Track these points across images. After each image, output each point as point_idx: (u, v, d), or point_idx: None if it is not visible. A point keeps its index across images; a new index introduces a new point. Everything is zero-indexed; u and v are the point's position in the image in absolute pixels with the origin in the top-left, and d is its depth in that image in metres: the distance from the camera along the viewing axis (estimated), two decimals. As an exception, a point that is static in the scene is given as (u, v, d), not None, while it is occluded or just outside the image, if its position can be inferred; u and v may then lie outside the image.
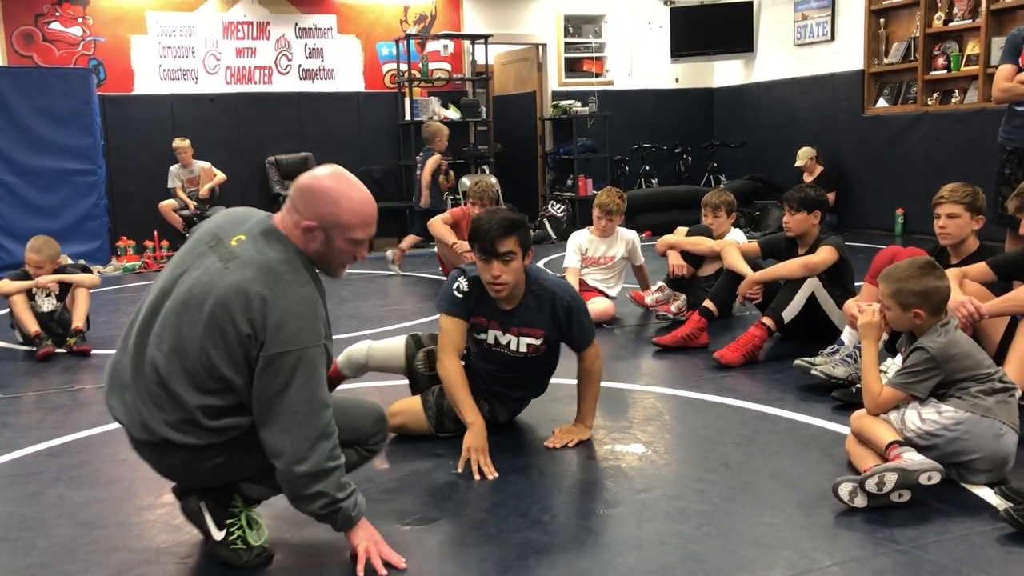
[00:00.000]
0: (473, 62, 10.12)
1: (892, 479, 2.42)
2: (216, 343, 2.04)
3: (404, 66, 9.46)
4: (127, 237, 8.36)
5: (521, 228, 2.86)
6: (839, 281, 4.20)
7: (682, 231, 5.22)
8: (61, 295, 4.85)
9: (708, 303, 4.45)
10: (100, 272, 7.19)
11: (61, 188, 7.86)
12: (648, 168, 10.40)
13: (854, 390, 3.38)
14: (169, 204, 8.38)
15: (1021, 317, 3.16)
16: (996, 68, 4.77)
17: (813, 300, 4.10)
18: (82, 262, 6.37)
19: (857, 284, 4.18)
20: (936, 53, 8.31)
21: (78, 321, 4.70)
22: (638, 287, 5.42)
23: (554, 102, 10.42)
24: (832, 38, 9.44)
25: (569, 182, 10.08)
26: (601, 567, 2.22)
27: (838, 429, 3.13)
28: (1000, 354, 3.10)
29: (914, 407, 2.64)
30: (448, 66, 10.06)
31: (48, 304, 4.81)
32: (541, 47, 10.56)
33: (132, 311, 2.26)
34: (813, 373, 3.60)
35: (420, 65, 9.58)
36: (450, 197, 8.75)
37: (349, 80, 9.66)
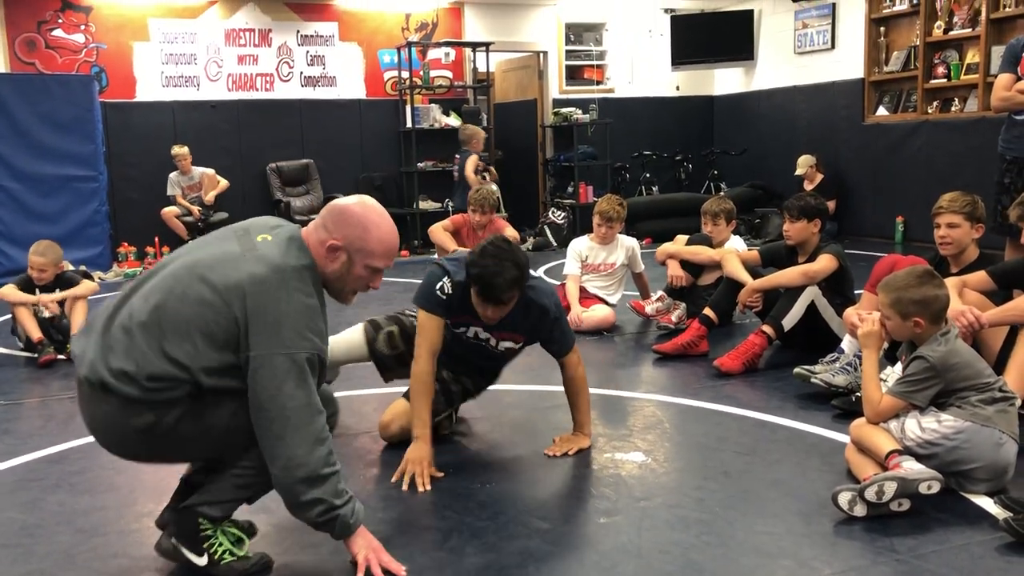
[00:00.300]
0: (474, 70, 10.15)
1: (892, 488, 2.43)
2: (204, 315, 2.04)
3: (405, 73, 9.48)
4: (128, 243, 8.38)
5: (525, 278, 2.86)
6: (839, 289, 4.21)
7: (682, 239, 5.22)
8: (61, 301, 4.86)
9: (708, 311, 4.46)
10: (101, 278, 7.20)
11: (62, 194, 7.87)
12: (648, 175, 10.41)
13: (854, 398, 3.39)
14: (171, 211, 8.40)
15: (1021, 326, 3.16)
16: (996, 77, 4.79)
17: (813, 308, 4.11)
18: (83, 268, 6.38)
19: (857, 292, 4.19)
20: (936, 62, 8.33)
21: (77, 329, 4.70)
22: (638, 294, 5.43)
23: (555, 109, 10.44)
24: (832, 46, 9.46)
25: (570, 189, 10.09)
26: (601, 576, 2.22)
27: (838, 438, 3.13)
28: (1000, 363, 3.10)
29: (914, 416, 2.64)
30: (449, 73, 10.09)
31: (49, 310, 4.82)
32: (542, 55, 10.58)
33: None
34: (813, 381, 3.60)
35: (421, 73, 9.60)
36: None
37: (350, 87, 9.68)
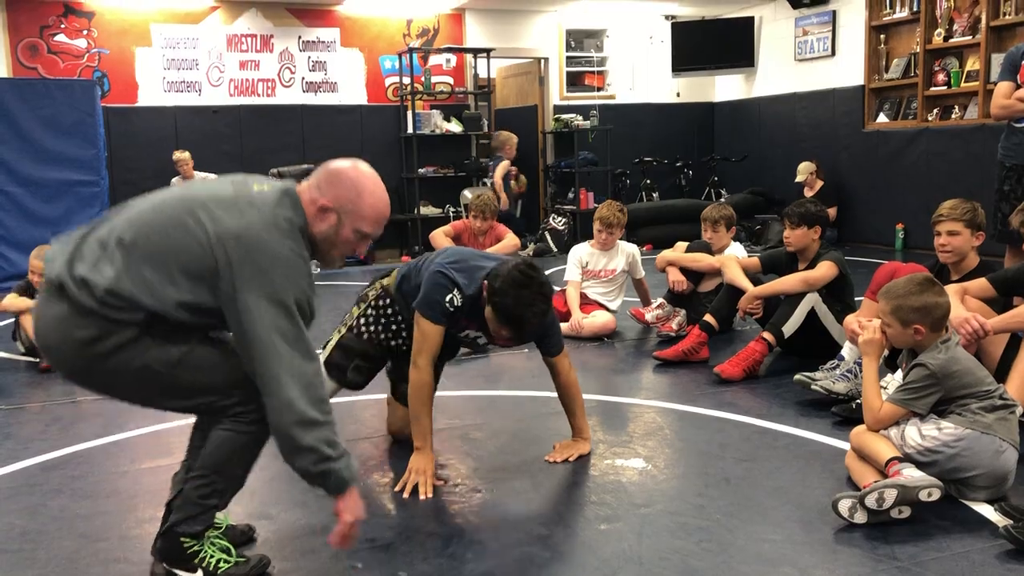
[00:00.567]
0: (475, 75, 10.17)
1: (892, 495, 2.43)
2: (188, 248, 2.02)
3: (407, 79, 9.50)
4: (129, 248, 8.38)
5: (551, 309, 2.90)
6: (839, 296, 4.21)
7: (682, 246, 5.23)
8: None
9: (709, 317, 4.46)
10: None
11: (64, 199, 7.87)
12: (649, 182, 10.43)
13: (854, 405, 3.39)
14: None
15: (1023, 334, 3.17)
16: (995, 85, 4.80)
17: (813, 315, 4.12)
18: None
19: (857, 299, 4.19)
20: (936, 69, 8.35)
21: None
22: (639, 301, 5.44)
23: (556, 116, 10.46)
24: (833, 53, 9.49)
25: (570, 195, 10.10)
26: (601, 582, 2.22)
27: (838, 445, 3.13)
28: (1001, 371, 3.10)
29: (914, 423, 2.65)
30: (450, 79, 10.11)
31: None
32: (543, 61, 10.61)
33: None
34: (813, 388, 3.60)
35: (423, 78, 9.63)
36: (520, 201, 8.91)
37: (352, 93, 9.70)
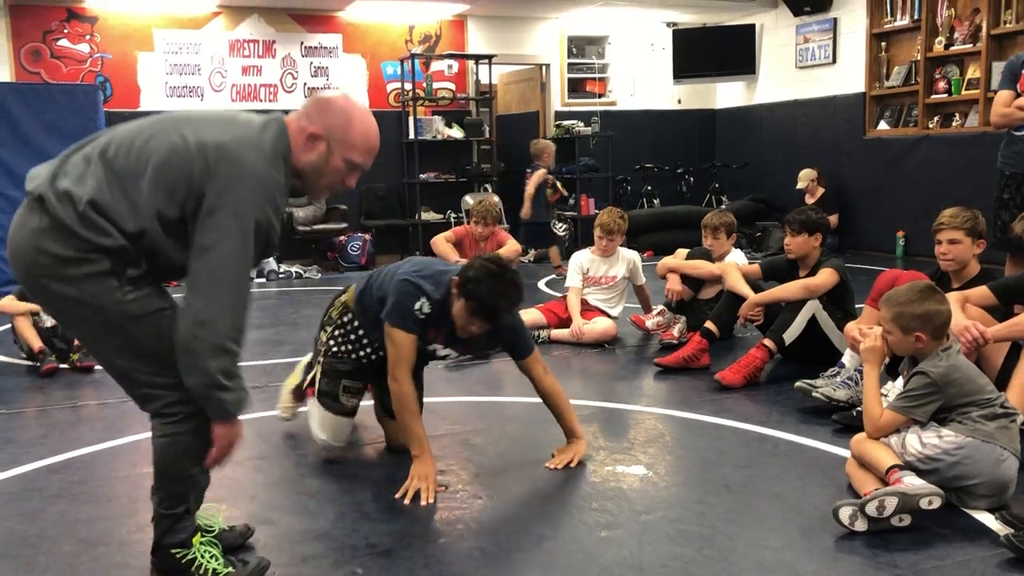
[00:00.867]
0: (477, 82, 10.19)
1: (892, 503, 2.43)
2: (169, 160, 2.01)
3: (408, 85, 9.52)
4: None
5: (523, 298, 2.94)
6: (840, 303, 4.21)
7: (682, 253, 5.23)
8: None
9: (709, 324, 4.46)
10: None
11: (66, 203, 7.88)
12: (650, 188, 10.44)
13: (855, 413, 3.39)
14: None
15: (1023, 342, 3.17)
16: (996, 93, 4.81)
17: (814, 322, 4.12)
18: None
19: (858, 306, 4.19)
20: (937, 77, 8.37)
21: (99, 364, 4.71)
22: (640, 307, 5.44)
23: (557, 122, 10.46)
24: (834, 61, 9.50)
25: (571, 201, 10.11)
26: (602, 589, 2.22)
27: (839, 452, 3.13)
28: (1001, 379, 3.10)
29: (915, 431, 2.65)
30: (452, 85, 10.13)
31: (51, 319, 4.83)
32: (545, 67, 10.63)
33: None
34: (814, 395, 3.60)
35: (424, 84, 9.64)
36: (556, 209, 8.98)
37: (354, 98, 9.69)
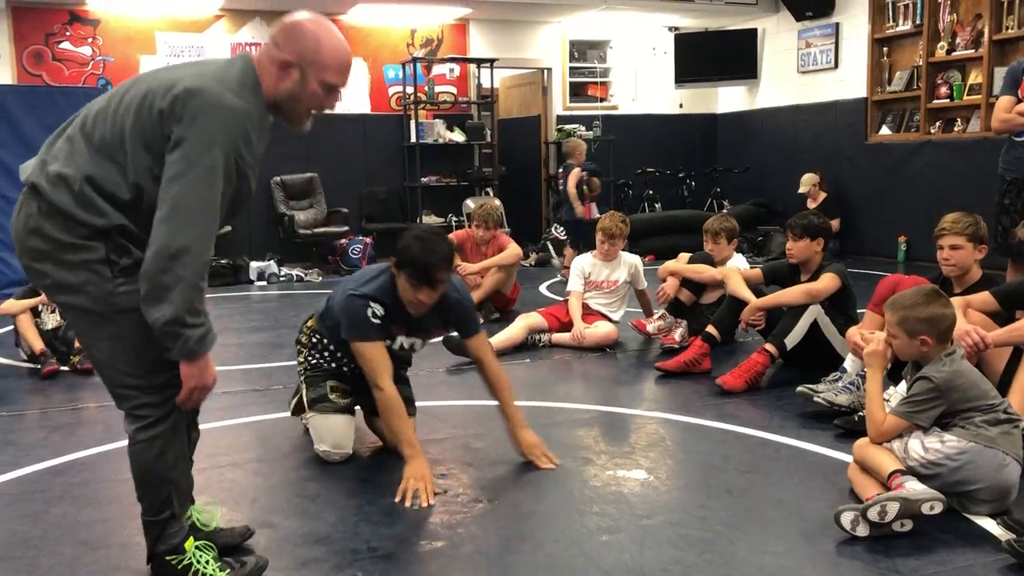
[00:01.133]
0: (479, 85, 10.20)
1: (894, 508, 2.42)
2: (138, 116, 2.02)
3: (410, 89, 9.53)
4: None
5: (454, 255, 3.01)
6: (842, 308, 4.21)
7: (684, 257, 5.23)
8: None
9: (711, 329, 4.46)
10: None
11: (67, 206, 7.89)
12: (651, 192, 10.44)
13: (856, 418, 3.39)
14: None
15: (1024, 347, 3.17)
16: (997, 98, 4.81)
17: (816, 327, 4.11)
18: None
19: (860, 311, 4.19)
20: (939, 82, 8.37)
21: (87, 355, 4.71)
22: (641, 311, 5.44)
23: (558, 126, 10.49)
24: (836, 66, 9.51)
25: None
26: (603, 593, 2.22)
27: (840, 457, 3.13)
28: (1003, 384, 3.10)
29: (917, 436, 2.64)
30: (454, 89, 10.14)
31: (52, 321, 4.83)
32: (546, 71, 10.64)
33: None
34: (816, 400, 3.60)
35: (426, 88, 9.66)
36: (594, 204, 9.07)
37: (355, 102, 9.72)
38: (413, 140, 9.53)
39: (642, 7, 9.70)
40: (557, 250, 9.45)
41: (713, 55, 10.65)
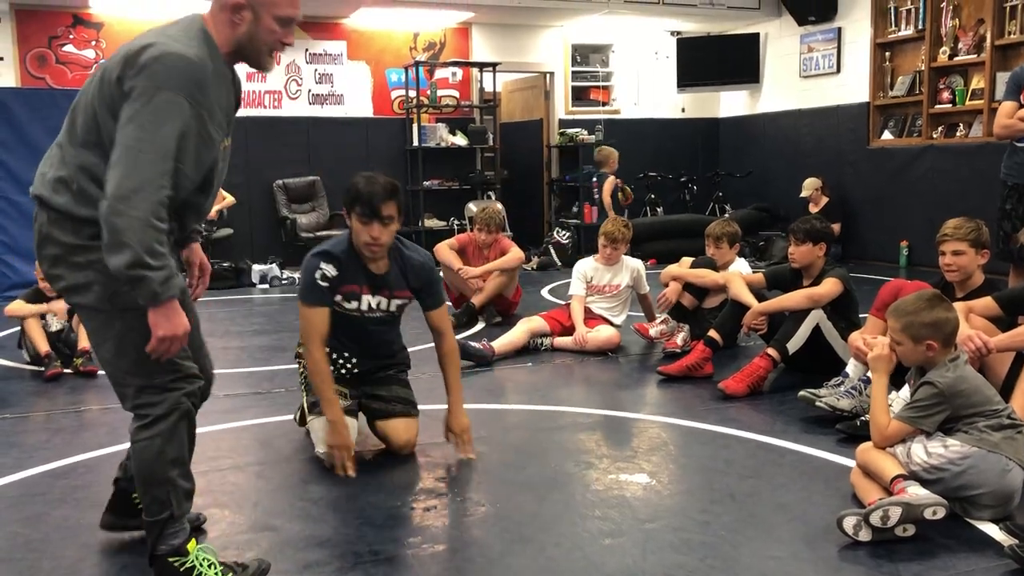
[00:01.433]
0: (481, 89, 10.22)
1: (896, 513, 2.42)
2: (101, 92, 2.08)
3: (412, 92, 9.54)
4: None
5: (400, 193, 3.10)
6: (844, 313, 4.21)
7: (687, 262, 5.23)
8: (69, 314, 4.88)
9: (713, 333, 4.46)
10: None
11: (70, 208, 7.90)
12: (653, 197, 10.43)
13: (858, 423, 3.39)
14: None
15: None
16: (1000, 104, 4.82)
17: (818, 332, 4.12)
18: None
19: (862, 316, 4.19)
20: (941, 87, 8.38)
21: (85, 342, 4.72)
22: (643, 316, 5.44)
23: (561, 130, 10.50)
24: (838, 70, 9.52)
25: (575, 209, 10.12)
26: (605, 598, 2.22)
27: (843, 461, 3.13)
28: (1005, 389, 3.10)
29: (920, 441, 2.64)
30: (456, 93, 10.15)
31: (57, 323, 4.84)
32: (548, 75, 10.65)
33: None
34: (818, 405, 3.60)
35: (428, 92, 9.67)
36: (627, 211, 9.31)
37: (358, 106, 9.73)
38: (415, 144, 9.54)
39: (644, 11, 9.71)
40: (559, 254, 9.47)
41: (715, 59, 10.66)
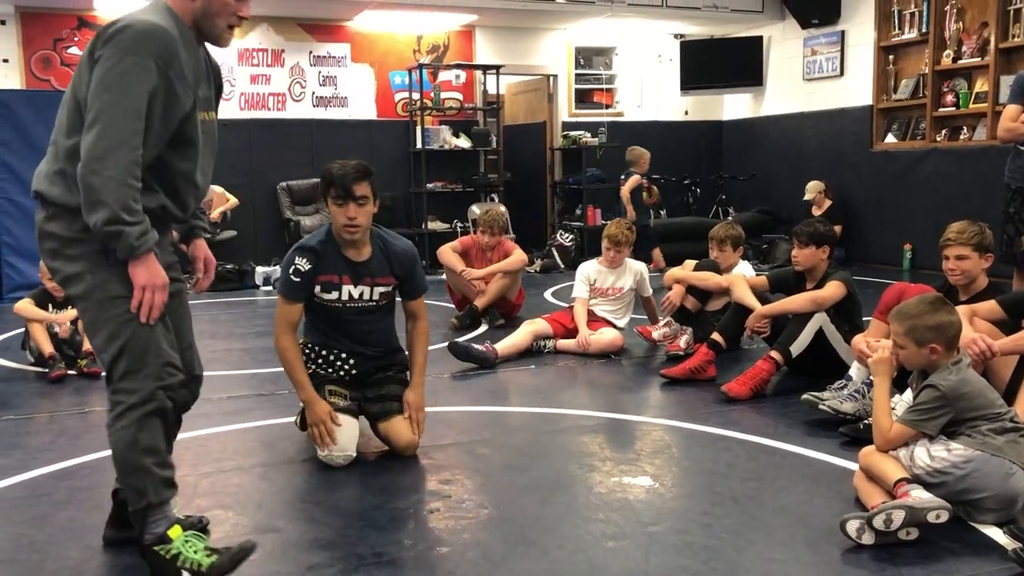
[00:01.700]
0: (484, 92, 10.23)
1: (900, 517, 2.42)
2: (80, 75, 2.18)
3: (416, 95, 9.55)
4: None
5: (372, 175, 3.17)
6: (847, 316, 4.21)
7: (690, 264, 5.24)
8: (73, 323, 4.88)
9: (716, 336, 4.46)
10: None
11: (74, 210, 7.91)
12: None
13: (861, 426, 3.38)
14: (180, 227, 8.44)
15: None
16: (1004, 107, 4.81)
17: (821, 334, 4.11)
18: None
19: (865, 319, 4.19)
20: (945, 90, 8.37)
21: (89, 344, 4.73)
22: (646, 318, 5.44)
23: (564, 132, 10.50)
24: (841, 73, 9.52)
25: (578, 212, 10.12)
26: (608, 600, 2.22)
27: (846, 465, 3.13)
28: (1009, 393, 3.10)
29: (923, 444, 2.64)
30: (460, 95, 10.16)
31: (61, 327, 4.85)
32: (552, 78, 10.66)
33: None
34: (821, 408, 3.59)
35: (432, 94, 9.68)
36: (653, 212, 9.44)
37: (361, 108, 9.75)
38: (419, 146, 9.55)
39: (648, 14, 9.71)
40: (562, 256, 9.47)
41: (719, 62, 10.67)
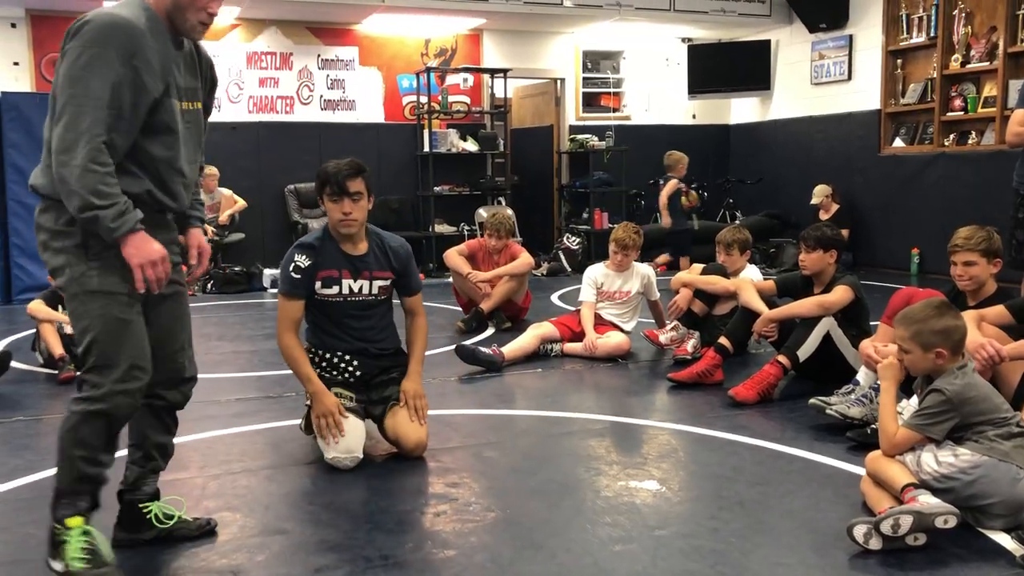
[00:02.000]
0: (492, 95, 10.24)
1: (907, 522, 2.42)
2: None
3: (424, 98, 9.58)
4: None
5: (366, 172, 3.25)
6: (854, 320, 4.20)
7: (698, 268, 5.23)
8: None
9: (723, 340, 4.46)
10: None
11: (83, 212, 7.95)
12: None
13: (869, 430, 3.38)
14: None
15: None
16: (1012, 111, 4.80)
17: (828, 339, 4.11)
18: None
19: (872, 324, 4.18)
20: (953, 94, 8.36)
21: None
22: (653, 322, 5.44)
23: (571, 136, 10.51)
24: (849, 78, 9.51)
25: (585, 215, 10.13)
26: (615, 604, 2.22)
27: (853, 469, 3.12)
28: (1017, 398, 3.09)
29: (930, 449, 2.64)
30: (467, 99, 10.18)
31: (70, 327, 4.88)
32: (559, 82, 10.68)
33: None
34: (828, 412, 3.59)
35: (440, 97, 9.70)
36: (694, 214, 9.51)
37: (369, 111, 9.78)
38: (426, 149, 9.57)
39: (655, 18, 9.72)
40: (569, 260, 9.48)
41: (726, 66, 10.67)
